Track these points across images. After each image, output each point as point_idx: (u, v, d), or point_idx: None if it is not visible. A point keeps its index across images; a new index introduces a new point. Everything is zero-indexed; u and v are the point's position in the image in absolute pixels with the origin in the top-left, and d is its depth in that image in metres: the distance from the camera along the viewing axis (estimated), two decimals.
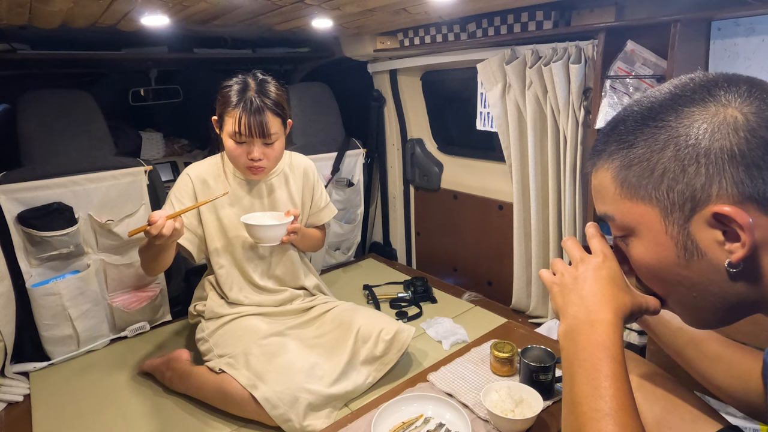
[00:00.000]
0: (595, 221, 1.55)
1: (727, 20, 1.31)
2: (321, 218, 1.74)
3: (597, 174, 0.61)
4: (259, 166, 1.44)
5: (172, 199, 1.50)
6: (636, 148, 0.55)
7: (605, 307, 0.61)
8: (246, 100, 1.38)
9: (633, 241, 0.60)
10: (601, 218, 0.63)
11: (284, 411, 1.28)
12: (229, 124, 1.40)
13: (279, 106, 1.43)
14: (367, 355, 1.47)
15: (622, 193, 0.58)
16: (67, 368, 1.70)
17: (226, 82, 1.45)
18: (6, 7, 1.28)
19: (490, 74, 1.78)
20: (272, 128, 1.41)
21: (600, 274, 0.64)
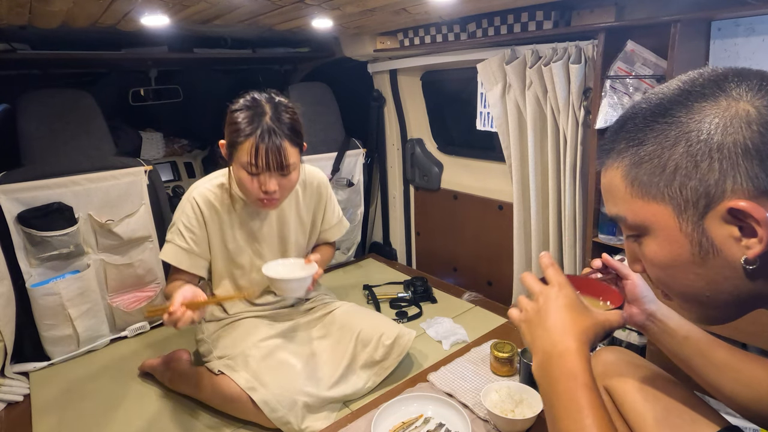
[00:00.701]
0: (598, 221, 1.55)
1: (727, 20, 1.31)
2: (332, 235, 1.65)
3: (606, 173, 0.61)
4: (273, 198, 1.33)
5: (180, 227, 1.39)
6: (646, 146, 0.54)
7: (568, 336, 0.64)
8: (262, 129, 1.25)
9: (646, 240, 0.59)
10: (612, 219, 0.62)
11: (283, 414, 1.28)
12: (243, 154, 1.26)
13: (297, 133, 1.31)
14: (366, 359, 1.47)
15: (633, 192, 0.57)
16: (67, 368, 1.70)
17: (237, 105, 1.30)
18: (6, 7, 1.28)
19: (490, 74, 1.78)
20: (290, 158, 1.29)
21: (558, 303, 0.67)
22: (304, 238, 1.58)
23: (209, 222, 1.42)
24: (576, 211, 1.65)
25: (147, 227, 1.85)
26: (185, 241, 1.39)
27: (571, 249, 1.69)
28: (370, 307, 2.03)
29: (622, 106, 1.42)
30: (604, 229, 1.52)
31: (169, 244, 1.40)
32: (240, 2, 1.36)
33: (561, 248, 1.75)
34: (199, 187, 1.43)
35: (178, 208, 1.43)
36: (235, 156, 1.29)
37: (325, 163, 2.29)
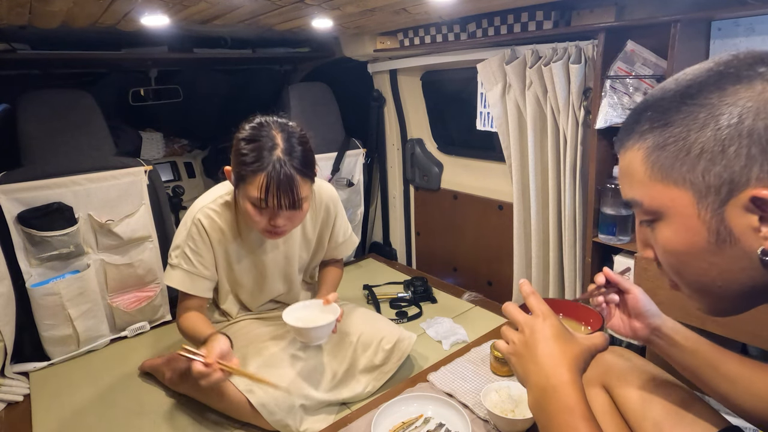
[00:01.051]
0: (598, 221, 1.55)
1: (727, 20, 1.31)
2: (340, 252, 1.61)
3: (626, 155, 0.59)
4: (281, 231, 1.26)
5: (186, 250, 1.32)
6: (672, 127, 0.53)
7: (560, 368, 0.64)
8: (273, 166, 1.15)
9: (660, 225, 0.57)
10: (627, 203, 0.61)
11: (281, 417, 1.28)
12: (252, 189, 1.17)
13: (309, 165, 1.23)
14: (366, 364, 1.46)
15: (653, 176, 0.55)
16: (67, 368, 1.70)
17: (244, 134, 1.21)
18: (6, 7, 1.28)
19: (490, 74, 1.78)
20: (302, 193, 1.21)
21: (544, 334, 0.67)
22: (308, 255, 1.55)
23: (215, 243, 1.35)
24: (576, 211, 1.65)
25: (147, 227, 1.85)
26: (192, 265, 1.33)
27: (571, 249, 1.69)
28: (370, 307, 2.03)
29: (622, 106, 1.42)
30: (604, 229, 1.52)
31: (177, 270, 1.33)
32: (240, 2, 1.36)
33: (561, 248, 1.75)
34: (203, 207, 1.34)
35: (182, 230, 1.35)
36: (243, 188, 1.21)
37: (325, 163, 2.29)
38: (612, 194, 1.48)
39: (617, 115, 1.42)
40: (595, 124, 1.44)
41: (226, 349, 1.14)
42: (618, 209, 1.48)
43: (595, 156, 1.50)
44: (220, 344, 1.14)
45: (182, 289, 1.34)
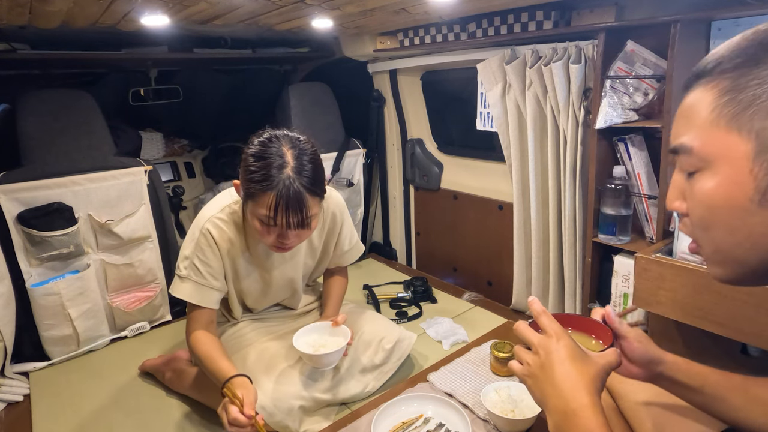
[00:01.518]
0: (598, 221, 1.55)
1: (727, 20, 1.31)
2: (345, 261, 1.59)
3: (693, 93, 0.55)
4: (289, 246, 1.26)
5: (196, 262, 1.30)
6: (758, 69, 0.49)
7: (579, 391, 0.64)
8: (283, 184, 1.13)
9: (703, 175, 0.54)
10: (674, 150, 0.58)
11: (281, 418, 1.28)
12: (260, 207, 1.16)
13: (319, 183, 1.20)
14: (366, 363, 1.46)
15: (716, 120, 0.52)
16: (67, 368, 1.70)
17: (253, 149, 1.18)
18: (6, 7, 1.28)
19: (490, 74, 1.78)
20: (312, 211, 1.19)
21: (560, 356, 0.66)
22: (313, 263, 1.54)
23: (224, 253, 1.33)
24: (576, 211, 1.65)
25: (147, 227, 1.85)
26: (202, 276, 1.30)
27: (571, 249, 1.69)
28: (370, 307, 2.03)
29: (622, 106, 1.42)
30: (604, 229, 1.52)
31: (185, 281, 1.30)
32: (240, 2, 1.36)
33: (561, 248, 1.75)
34: (211, 217, 1.32)
35: (189, 240, 1.32)
36: (252, 205, 1.19)
37: (325, 163, 2.26)
38: (612, 194, 1.48)
39: (617, 115, 1.42)
40: (595, 124, 1.44)
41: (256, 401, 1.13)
42: (618, 209, 1.48)
43: (595, 156, 1.50)
44: (255, 395, 1.13)
45: (192, 301, 1.31)
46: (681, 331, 1.31)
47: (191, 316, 1.34)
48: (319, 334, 1.40)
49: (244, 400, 1.08)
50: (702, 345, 1.28)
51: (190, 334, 1.32)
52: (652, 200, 1.46)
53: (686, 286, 1.17)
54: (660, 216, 1.42)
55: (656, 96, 1.40)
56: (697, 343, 1.29)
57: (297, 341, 1.33)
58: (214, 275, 1.32)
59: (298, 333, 1.36)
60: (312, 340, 1.37)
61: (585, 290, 1.63)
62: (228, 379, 1.16)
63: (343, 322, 1.38)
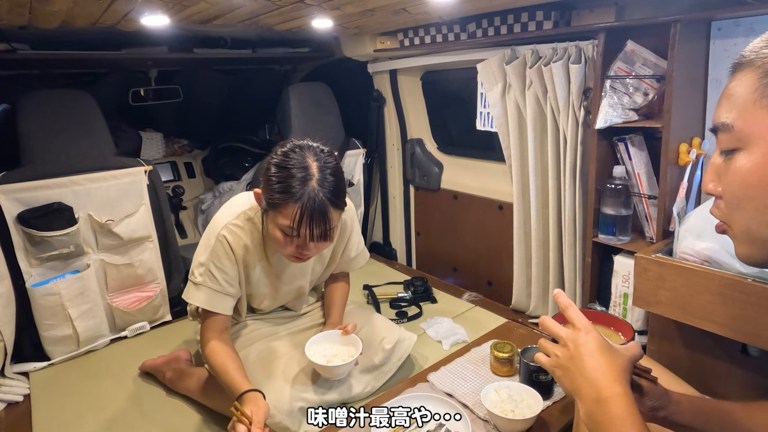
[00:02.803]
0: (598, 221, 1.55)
1: (727, 20, 1.31)
2: (351, 266, 1.59)
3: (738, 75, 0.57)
4: (308, 257, 1.27)
5: (212, 268, 1.29)
6: None
7: (612, 381, 0.66)
8: (308, 196, 1.14)
9: (741, 155, 0.57)
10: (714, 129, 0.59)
11: (281, 419, 1.28)
12: (283, 218, 1.16)
13: (341, 195, 1.22)
14: (366, 364, 1.46)
15: (759, 101, 0.54)
16: (67, 368, 1.70)
17: (278, 158, 1.19)
18: (6, 7, 1.28)
19: (490, 74, 1.78)
20: (333, 223, 1.21)
21: (589, 348, 0.69)
22: (321, 268, 1.55)
23: (239, 259, 1.33)
24: (576, 211, 1.65)
25: (147, 227, 1.85)
26: (218, 282, 1.30)
27: (571, 249, 1.69)
28: (370, 307, 2.03)
29: (622, 106, 1.42)
30: (604, 229, 1.52)
31: (201, 288, 1.30)
32: (240, 2, 1.36)
33: (561, 248, 1.75)
34: (227, 224, 1.31)
35: (204, 246, 1.31)
36: (273, 216, 1.19)
37: None
38: (612, 194, 1.48)
39: (617, 115, 1.42)
40: (595, 124, 1.44)
41: (266, 417, 1.13)
42: (618, 209, 1.48)
43: (595, 156, 1.50)
44: (266, 413, 1.12)
45: (208, 308, 1.30)
46: (681, 331, 1.31)
47: (206, 323, 1.33)
48: (330, 343, 1.40)
49: (252, 418, 1.08)
50: (702, 345, 1.28)
51: (205, 344, 1.31)
52: (652, 200, 1.46)
53: (686, 286, 1.17)
54: (660, 216, 1.42)
55: (656, 96, 1.40)
56: (697, 343, 1.29)
57: (309, 351, 1.33)
58: (230, 282, 1.32)
59: (310, 342, 1.36)
60: (323, 349, 1.37)
61: (585, 290, 1.63)
62: (240, 395, 1.15)
63: (353, 331, 1.38)
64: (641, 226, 1.52)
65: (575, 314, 0.72)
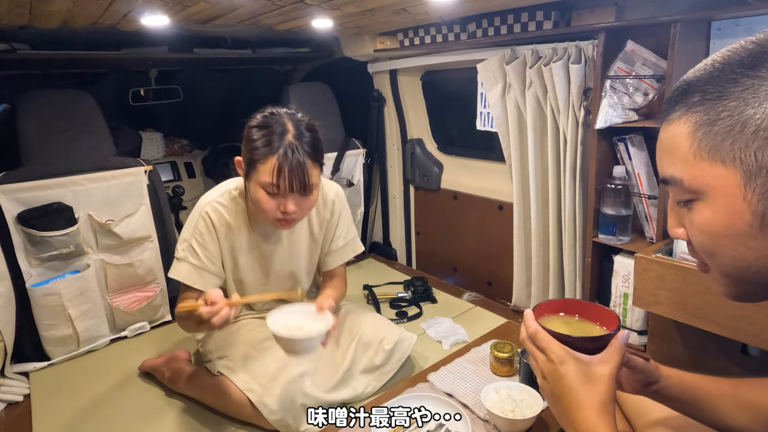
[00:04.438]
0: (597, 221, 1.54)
1: (727, 20, 1.31)
2: (338, 258, 1.55)
3: (668, 128, 0.55)
4: (291, 219, 1.27)
5: (193, 243, 1.31)
6: (726, 101, 0.49)
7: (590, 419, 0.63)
8: (285, 149, 1.19)
9: (698, 205, 0.54)
10: (663, 181, 0.57)
11: (282, 416, 1.28)
12: (263, 174, 1.20)
13: (318, 151, 1.27)
14: (367, 364, 1.46)
15: (698, 153, 0.51)
16: (67, 368, 1.70)
17: (255, 122, 1.25)
18: (6, 7, 1.28)
19: (490, 74, 1.78)
20: (313, 178, 1.24)
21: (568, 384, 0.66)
22: (317, 254, 1.54)
23: (222, 237, 1.35)
24: (576, 211, 1.65)
25: (147, 227, 1.85)
26: (199, 258, 1.31)
27: (571, 249, 1.69)
28: (370, 307, 2.03)
29: (622, 106, 1.42)
30: (604, 229, 1.52)
31: (182, 263, 1.32)
32: (240, 2, 1.36)
33: (561, 248, 1.75)
34: (211, 200, 1.35)
35: (189, 223, 1.34)
36: (254, 175, 1.23)
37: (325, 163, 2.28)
38: (612, 194, 1.48)
39: (617, 115, 1.42)
40: (595, 124, 1.44)
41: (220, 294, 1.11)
42: (618, 209, 1.48)
43: (595, 156, 1.50)
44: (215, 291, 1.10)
45: (188, 282, 1.31)
46: (681, 331, 1.31)
47: (183, 296, 1.32)
48: (299, 317, 1.21)
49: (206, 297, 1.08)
50: (702, 345, 1.28)
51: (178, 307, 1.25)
52: (652, 200, 1.46)
53: (686, 286, 1.17)
54: (660, 216, 1.42)
55: (656, 96, 1.40)
56: (697, 343, 1.29)
57: (272, 320, 1.15)
58: (211, 259, 1.33)
59: (275, 311, 1.20)
60: (288, 321, 1.18)
61: (585, 290, 1.63)
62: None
63: (329, 308, 1.23)
64: (641, 226, 1.52)
65: (544, 342, 0.69)
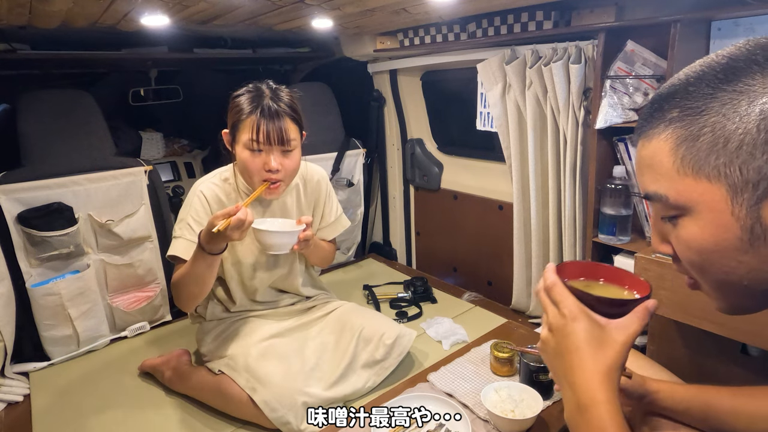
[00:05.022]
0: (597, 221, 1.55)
1: (727, 20, 1.31)
2: (330, 233, 1.65)
3: (648, 145, 0.54)
4: (276, 179, 1.34)
5: (189, 221, 1.38)
6: (707, 116, 0.48)
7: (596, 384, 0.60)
8: (263, 106, 1.31)
9: (685, 221, 0.53)
10: (646, 197, 0.56)
11: (283, 414, 1.28)
12: (245, 132, 1.32)
13: (296, 111, 1.37)
14: (367, 359, 1.47)
15: (682, 169, 0.51)
16: (67, 368, 1.70)
17: (237, 91, 1.38)
18: (6, 7, 1.28)
19: (490, 74, 1.78)
20: (291, 134, 1.34)
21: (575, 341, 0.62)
22: None
23: (215, 211, 1.37)
24: (576, 211, 1.65)
25: (147, 227, 1.85)
26: (195, 234, 1.35)
27: (571, 249, 1.69)
28: (370, 307, 2.03)
29: (622, 106, 1.42)
30: (604, 229, 1.52)
31: (179, 240, 1.37)
32: (240, 2, 1.36)
33: (561, 248, 1.75)
34: (205, 182, 1.45)
35: (185, 205, 1.42)
36: (238, 137, 1.34)
37: (326, 163, 2.29)
38: (612, 194, 1.48)
39: (617, 115, 1.42)
40: (595, 124, 1.44)
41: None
42: (618, 209, 1.48)
43: (595, 156, 1.50)
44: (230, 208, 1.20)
45: (183, 256, 1.34)
46: (681, 331, 1.31)
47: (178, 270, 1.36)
48: (280, 224, 1.41)
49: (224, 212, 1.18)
50: (702, 345, 1.28)
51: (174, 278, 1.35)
52: None
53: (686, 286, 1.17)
54: None
55: None
56: (697, 343, 1.29)
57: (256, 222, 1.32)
58: None
59: (261, 220, 1.40)
60: (270, 225, 1.38)
61: None
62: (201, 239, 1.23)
63: (306, 222, 1.37)
64: (641, 226, 1.52)
65: (560, 296, 0.65)
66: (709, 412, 0.76)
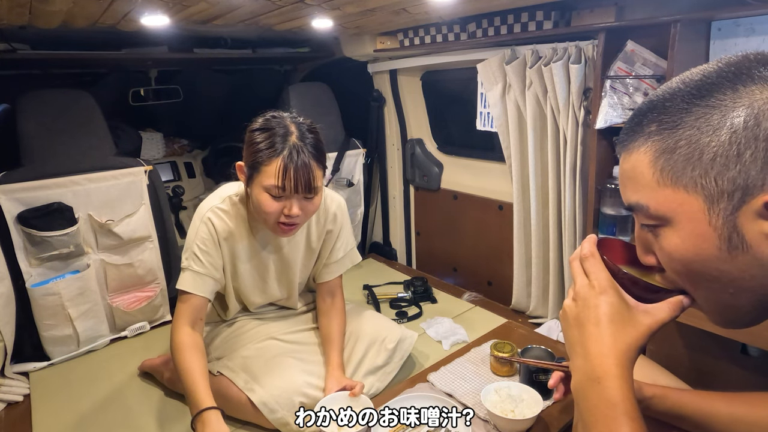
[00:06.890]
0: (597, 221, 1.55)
1: (727, 20, 1.31)
2: (339, 268, 1.53)
3: (629, 158, 0.56)
4: (293, 223, 1.25)
5: (196, 250, 1.29)
6: (682, 130, 0.50)
7: (611, 359, 0.59)
8: (290, 150, 1.18)
9: (666, 231, 0.54)
10: (629, 207, 0.57)
11: (282, 415, 1.28)
12: (268, 177, 1.18)
13: (322, 154, 1.25)
14: (369, 366, 1.45)
15: (662, 180, 0.52)
16: (67, 368, 1.70)
17: (257, 125, 1.24)
18: (6, 7, 1.28)
19: (490, 74, 1.78)
20: (317, 181, 1.22)
21: (598, 313, 0.60)
22: (311, 264, 1.53)
23: (223, 242, 1.33)
24: (576, 211, 1.65)
25: (147, 227, 1.85)
26: (202, 265, 1.29)
27: (571, 249, 1.69)
28: (370, 307, 2.03)
29: (622, 106, 1.42)
30: (604, 229, 1.52)
31: (186, 272, 1.29)
32: (240, 2, 1.36)
33: (561, 248, 1.75)
34: (212, 206, 1.34)
35: (191, 230, 1.33)
36: (257, 178, 1.21)
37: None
38: (612, 194, 1.48)
39: (617, 115, 1.42)
40: (595, 124, 1.44)
41: None
42: (618, 209, 1.48)
43: (595, 156, 1.50)
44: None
45: (191, 290, 1.28)
46: (681, 331, 1.31)
47: (182, 308, 1.28)
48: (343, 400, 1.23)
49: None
50: (702, 345, 1.28)
51: (176, 333, 1.25)
52: None
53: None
54: None
55: None
56: (697, 343, 1.29)
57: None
58: (214, 265, 1.32)
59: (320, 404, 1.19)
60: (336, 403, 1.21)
61: None
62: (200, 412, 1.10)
63: (360, 391, 1.24)
64: None
65: (593, 267, 0.63)
66: (703, 418, 0.77)
